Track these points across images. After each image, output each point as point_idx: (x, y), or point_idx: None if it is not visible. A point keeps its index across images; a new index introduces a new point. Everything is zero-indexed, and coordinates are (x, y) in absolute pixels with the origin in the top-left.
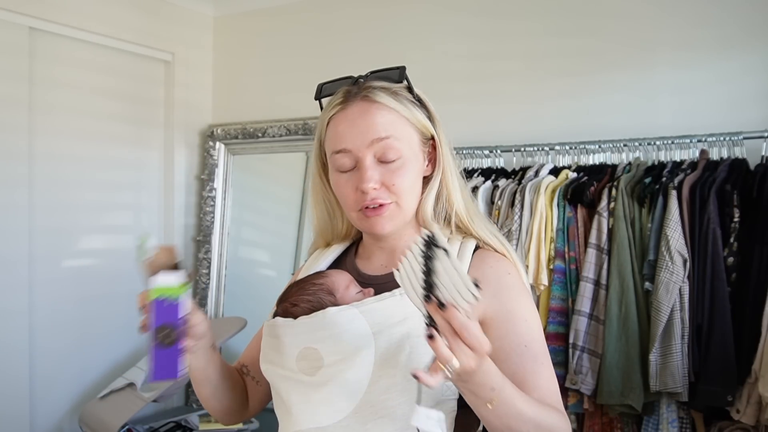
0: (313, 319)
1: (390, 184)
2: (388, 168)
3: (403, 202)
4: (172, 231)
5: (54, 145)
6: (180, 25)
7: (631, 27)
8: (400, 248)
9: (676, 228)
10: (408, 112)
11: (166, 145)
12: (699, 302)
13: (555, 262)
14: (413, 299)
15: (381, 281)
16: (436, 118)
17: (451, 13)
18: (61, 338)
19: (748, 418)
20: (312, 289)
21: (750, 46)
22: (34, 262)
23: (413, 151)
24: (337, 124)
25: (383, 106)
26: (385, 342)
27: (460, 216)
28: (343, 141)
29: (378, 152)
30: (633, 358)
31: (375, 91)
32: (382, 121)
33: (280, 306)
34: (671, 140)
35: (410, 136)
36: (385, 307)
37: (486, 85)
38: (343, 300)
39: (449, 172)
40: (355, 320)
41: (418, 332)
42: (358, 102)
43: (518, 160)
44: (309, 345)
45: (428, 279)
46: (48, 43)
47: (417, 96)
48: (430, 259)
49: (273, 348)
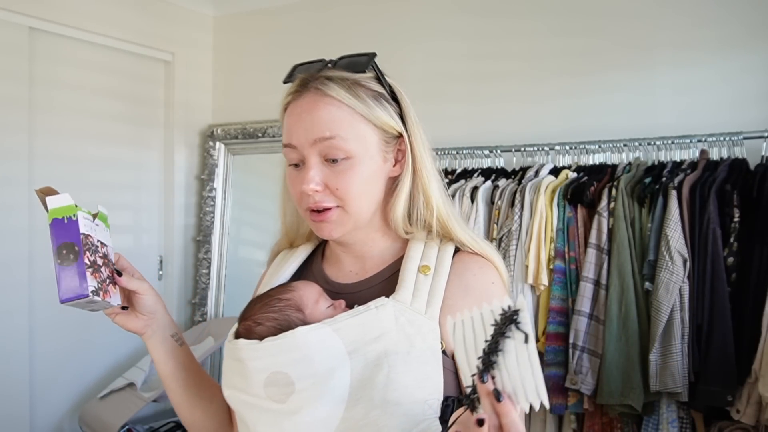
0: (282, 340)
1: (334, 188)
2: (333, 169)
3: (351, 206)
4: (172, 231)
5: (54, 145)
6: (180, 25)
7: (631, 27)
8: (370, 255)
9: (676, 228)
10: (365, 108)
11: (166, 145)
12: (699, 302)
13: (555, 262)
14: (460, 363)
15: (351, 290)
16: (409, 113)
17: (451, 13)
18: (61, 338)
19: (748, 418)
20: (278, 305)
21: (750, 45)
22: (34, 261)
23: (368, 151)
24: (288, 114)
25: (333, 101)
26: (361, 361)
27: (441, 220)
28: (289, 135)
29: (323, 151)
30: (633, 358)
31: (329, 83)
32: (328, 118)
33: (242, 324)
34: (671, 140)
35: (365, 135)
36: (361, 323)
37: (486, 85)
38: (313, 317)
39: (424, 174)
40: (328, 340)
41: (396, 348)
42: (309, 93)
43: (518, 160)
44: (278, 369)
45: (490, 356)
46: (48, 43)
47: (389, 88)
48: (503, 336)
49: (236, 372)
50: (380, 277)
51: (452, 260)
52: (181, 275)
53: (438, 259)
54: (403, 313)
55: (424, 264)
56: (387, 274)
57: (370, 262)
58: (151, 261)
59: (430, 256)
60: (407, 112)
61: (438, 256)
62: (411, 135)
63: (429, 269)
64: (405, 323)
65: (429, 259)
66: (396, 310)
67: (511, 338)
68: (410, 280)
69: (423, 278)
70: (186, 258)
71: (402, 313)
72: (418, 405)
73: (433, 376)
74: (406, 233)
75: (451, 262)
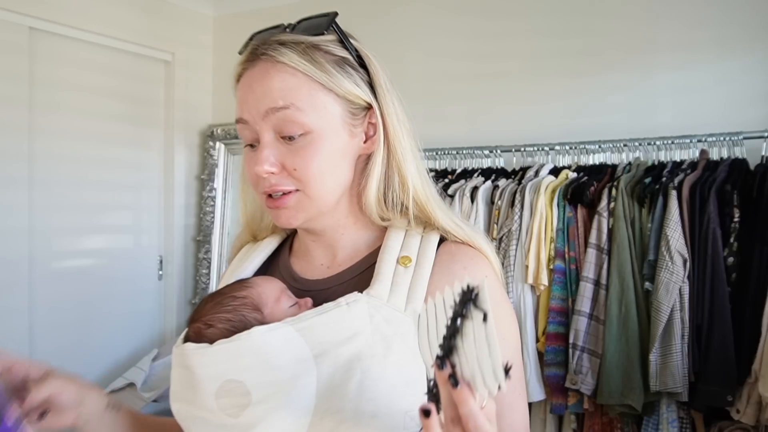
0: (235, 343)
1: (291, 168)
2: (291, 147)
3: (312, 189)
4: (172, 231)
5: (54, 145)
6: (180, 25)
7: (631, 27)
8: (343, 245)
9: (676, 228)
10: (324, 75)
11: (166, 145)
12: (699, 302)
13: (555, 262)
14: (424, 355)
15: (321, 287)
16: (379, 81)
17: (451, 13)
18: (61, 338)
19: (748, 418)
20: (232, 304)
21: (750, 46)
22: (33, 261)
23: (331, 125)
24: (239, 87)
25: (286, 68)
26: (329, 366)
27: (419, 203)
28: (240, 109)
29: (277, 126)
30: (633, 358)
31: (281, 48)
32: (280, 86)
33: (192, 326)
34: (671, 140)
35: (325, 107)
36: (329, 322)
37: (486, 85)
38: (273, 316)
39: (399, 150)
40: (290, 341)
41: (371, 351)
42: (261, 62)
43: (518, 160)
44: (231, 377)
45: (450, 340)
46: (48, 43)
47: (355, 53)
48: (462, 318)
49: (184, 382)
50: (354, 270)
51: (437, 251)
52: (181, 275)
53: (421, 249)
54: (379, 311)
55: (404, 255)
56: (362, 267)
57: (343, 254)
58: (151, 261)
59: (411, 245)
60: (377, 79)
61: (421, 246)
62: (382, 106)
63: (410, 260)
64: (381, 322)
65: (410, 249)
66: (370, 307)
67: (469, 318)
68: (388, 272)
69: (403, 270)
70: (186, 258)
71: (377, 311)
72: (397, 416)
73: (414, 383)
74: (382, 220)
75: (435, 253)
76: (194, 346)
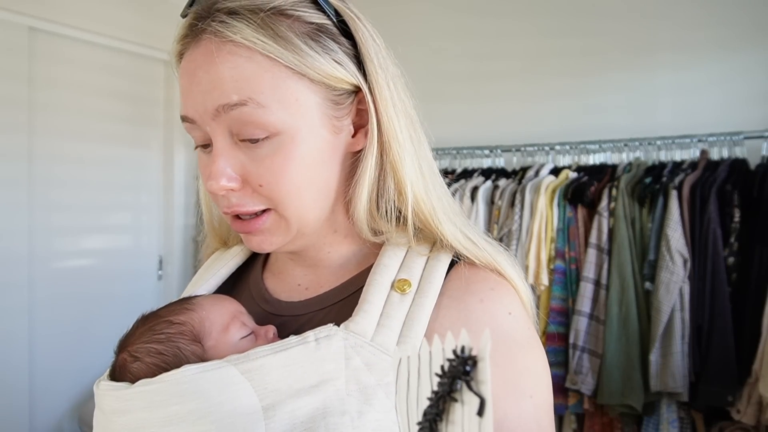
0: (158, 385)
1: (256, 184)
2: (252, 155)
3: (287, 208)
4: (172, 231)
5: (54, 145)
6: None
7: (631, 27)
8: (328, 264)
9: (677, 228)
10: (292, 55)
11: (166, 145)
12: (699, 302)
13: (555, 262)
14: (401, 422)
15: (298, 311)
16: (369, 53)
17: (451, 13)
18: (61, 338)
19: (749, 418)
20: (166, 331)
21: (750, 46)
22: (33, 261)
23: (305, 122)
24: (180, 72)
25: (238, 49)
26: (283, 423)
27: (420, 215)
28: (184, 104)
29: (234, 128)
30: (633, 358)
31: (231, 20)
32: (232, 75)
33: (119, 357)
34: (671, 140)
35: (296, 98)
36: (289, 363)
37: (486, 85)
38: (217, 351)
39: (394, 147)
40: (231, 386)
41: (343, 407)
42: (204, 40)
43: (518, 160)
44: (151, 430)
45: (431, 422)
46: (48, 43)
47: (335, 16)
48: (449, 397)
49: (101, 430)
50: (339, 293)
51: (446, 276)
52: (181, 275)
53: (425, 272)
54: (359, 352)
55: (401, 277)
56: (349, 290)
57: (327, 273)
58: (151, 261)
59: (412, 266)
60: (366, 51)
61: (426, 269)
62: (374, 87)
63: (408, 285)
64: (360, 367)
65: (410, 271)
66: (348, 346)
67: (459, 402)
68: (377, 300)
69: (398, 298)
70: (186, 258)
71: (357, 352)
72: None
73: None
74: (375, 234)
75: (444, 279)
76: (109, 385)
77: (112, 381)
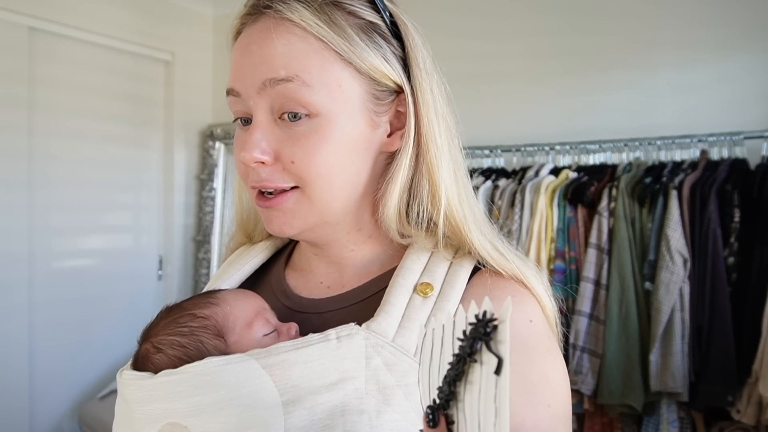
0: (180, 376)
1: (288, 160)
2: (290, 132)
3: (314, 188)
4: (172, 231)
5: (54, 145)
6: (180, 25)
7: (631, 27)
8: (352, 263)
9: (677, 228)
10: (344, 42)
11: (166, 145)
12: (699, 302)
13: (555, 262)
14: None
15: (319, 308)
16: (416, 58)
17: (451, 13)
18: (61, 338)
19: (749, 418)
20: (190, 325)
21: (750, 46)
22: (33, 261)
23: (345, 109)
24: (235, 48)
25: (294, 28)
26: (302, 419)
27: (452, 221)
28: (232, 77)
29: (276, 103)
30: (633, 358)
31: (292, 2)
32: (284, 51)
33: (142, 347)
34: (672, 140)
35: (340, 84)
36: (310, 360)
37: (486, 85)
38: (239, 346)
39: (432, 151)
40: (253, 380)
41: (361, 406)
42: (264, 18)
43: (518, 160)
44: (173, 420)
45: (451, 385)
46: (48, 43)
47: (390, 19)
48: (471, 358)
49: (124, 418)
50: (361, 293)
51: (468, 282)
52: (181, 275)
53: (448, 277)
54: (380, 352)
55: (424, 281)
56: (371, 291)
57: (350, 272)
58: (151, 261)
59: (435, 271)
60: (414, 55)
61: (448, 274)
62: (417, 90)
63: (431, 289)
64: (380, 367)
65: (433, 276)
66: (369, 346)
67: (478, 363)
68: (399, 302)
69: (420, 302)
70: (186, 258)
71: (378, 352)
72: None
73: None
74: (402, 236)
75: (466, 284)
76: (133, 375)
77: (135, 370)
